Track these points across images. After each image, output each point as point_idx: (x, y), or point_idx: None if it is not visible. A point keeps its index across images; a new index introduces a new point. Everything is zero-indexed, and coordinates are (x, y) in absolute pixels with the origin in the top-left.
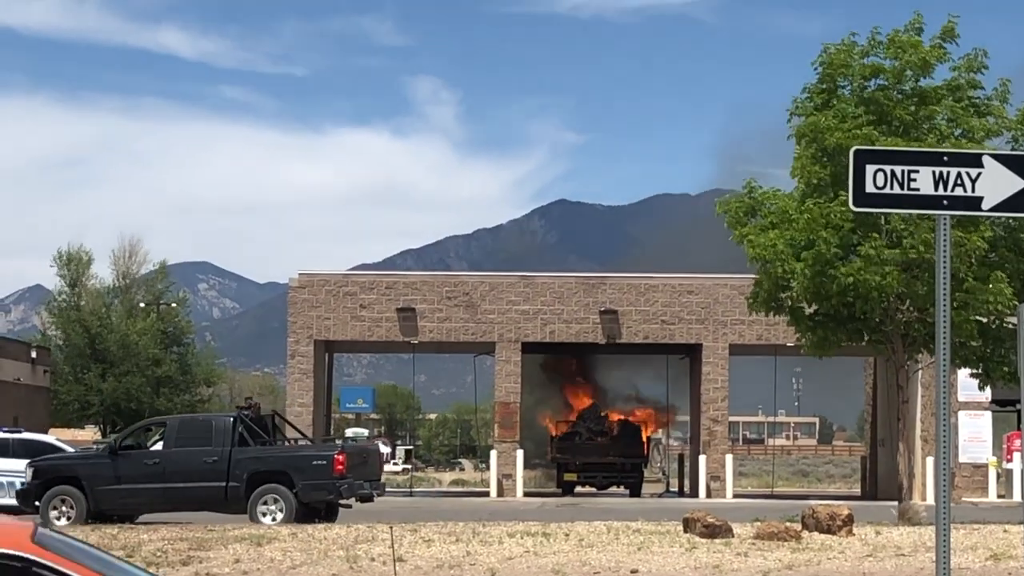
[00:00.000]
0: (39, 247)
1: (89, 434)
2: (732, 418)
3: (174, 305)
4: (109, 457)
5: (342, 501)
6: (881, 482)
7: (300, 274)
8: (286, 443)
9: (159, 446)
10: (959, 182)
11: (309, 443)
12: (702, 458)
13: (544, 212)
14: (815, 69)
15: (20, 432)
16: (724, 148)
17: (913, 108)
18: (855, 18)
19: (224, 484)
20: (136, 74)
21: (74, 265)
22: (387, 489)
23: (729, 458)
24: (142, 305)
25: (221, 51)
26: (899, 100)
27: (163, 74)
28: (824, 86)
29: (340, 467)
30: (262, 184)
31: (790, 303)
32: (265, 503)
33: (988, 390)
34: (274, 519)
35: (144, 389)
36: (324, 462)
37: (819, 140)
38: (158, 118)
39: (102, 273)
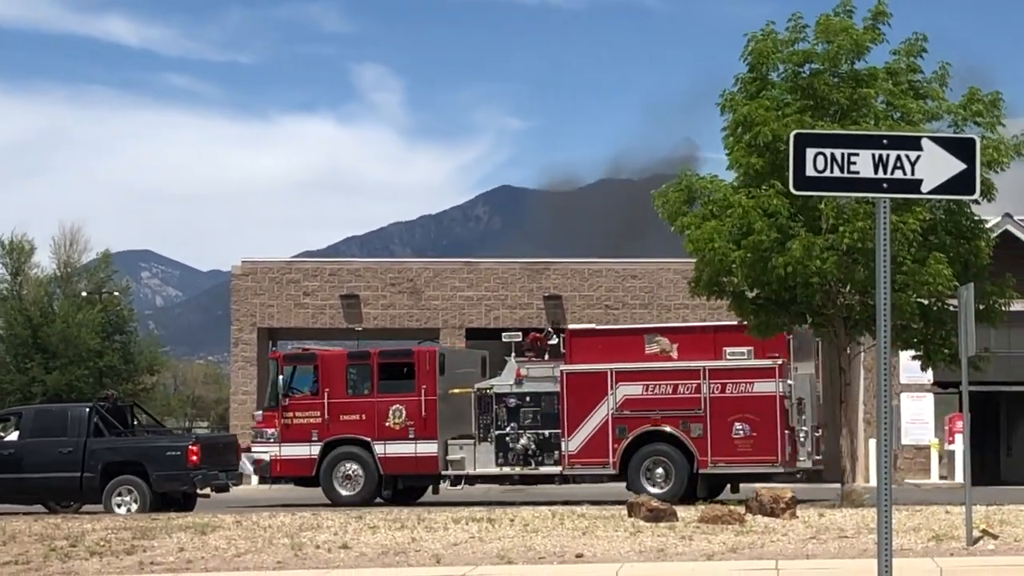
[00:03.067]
0: None
1: None
2: None
3: (116, 294)
4: None
5: (199, 491)
6: (824, 465)
7: (243, 261)
8: (146, 434)
9: (15, 436)
10: (899, 165)
11: (167, 434)
12: None
13: (488, 198)
14: (744, 61)
15: None
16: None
17: (849, 91)
18: (801, 3)
19: (79, 475)
20: (82, 62)
21: (16, 254)
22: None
23: None
24: (84, 294)
25: (167, 39)
26: (835, 84)
27: (109, 62)
28: (754, 75)
29: (194, 457)
30: (207, 172)
31: (732, 288)
32: (120, 493)
33: (930, 372)
34: (129, 509)
35: (87, 380)
36: (178, 453)
37: (753, 131)
38: (104, 106)
39: (43, 262)
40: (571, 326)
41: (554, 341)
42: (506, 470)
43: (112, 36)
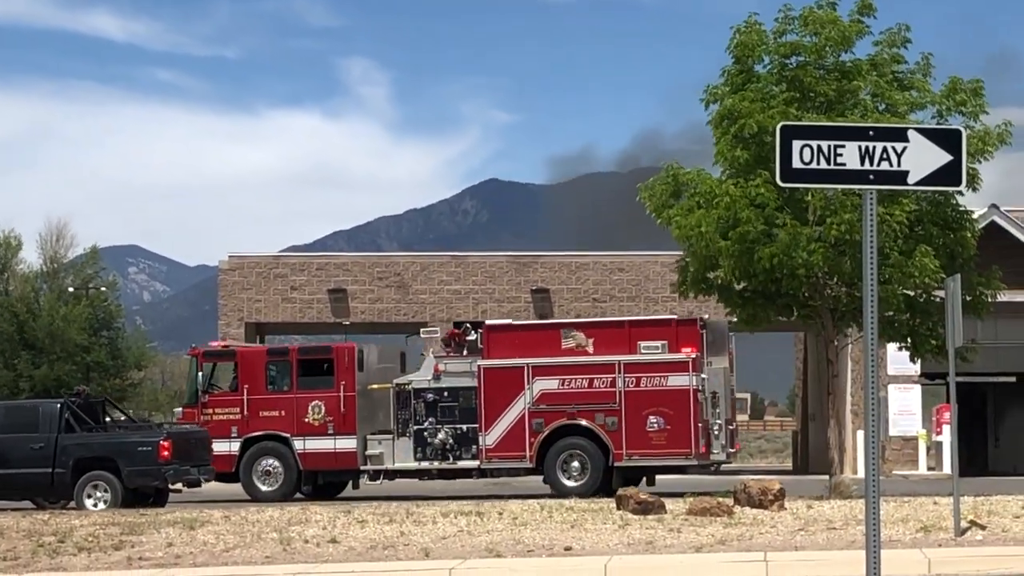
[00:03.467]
0: None
1: None
2: None
3: (103, 289)
4: None
5: (171, 487)
6: (812, 456)
7: (230, 256)
8: (118, 429)
9: None
10: (885, 156)
11: (139, 429)
12: None
13: (475, 192)
14: (730, 53)
15: None
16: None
17: (835, 84)
18: None
19: (50, 470)
20: (69, 58)
21: (3, 250)
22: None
23: None
24: (71, 289)
25: (152, 34)
26: (821, 76)
27: (95, 57)
28: (740, 68)
29: (166, 453)
30: (194, 167)
31: (719, 282)
32: (91, 490)
33: (918, 364)
34: (104, 504)
35: (75, 375)
36: (149, 448)
37: (738, 124)
38: (90, 101)
39: (30, 258)
40: (488, 321)
41: (472, 337)
42: (424, 464)
43: (98, 31)
